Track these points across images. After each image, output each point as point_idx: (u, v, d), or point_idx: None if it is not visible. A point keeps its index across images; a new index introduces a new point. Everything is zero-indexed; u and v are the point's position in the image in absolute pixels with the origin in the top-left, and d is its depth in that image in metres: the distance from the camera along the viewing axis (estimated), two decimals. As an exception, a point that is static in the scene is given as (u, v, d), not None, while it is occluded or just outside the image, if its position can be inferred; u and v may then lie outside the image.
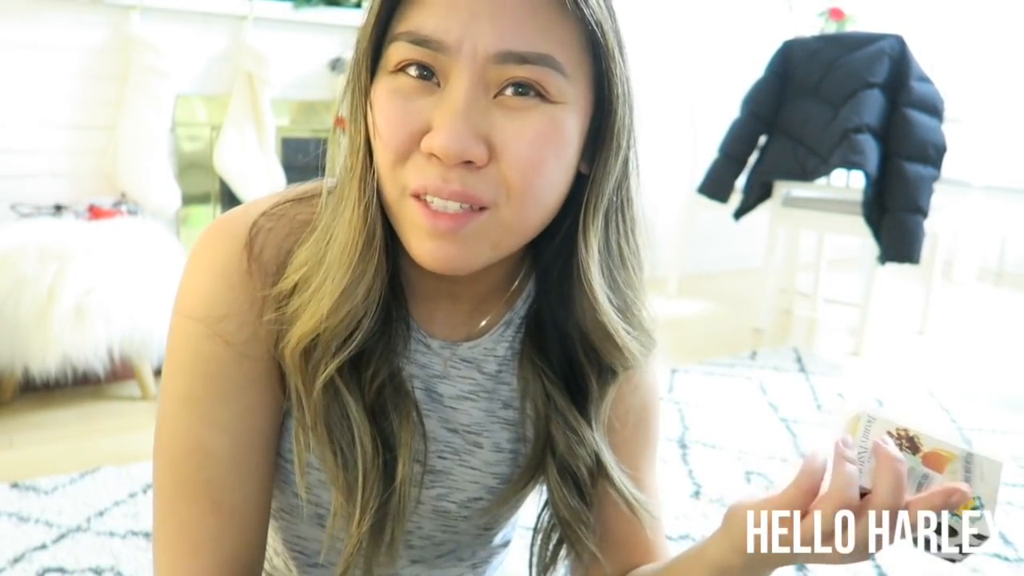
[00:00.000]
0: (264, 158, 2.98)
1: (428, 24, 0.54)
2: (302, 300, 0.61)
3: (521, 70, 0.54)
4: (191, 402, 0.62)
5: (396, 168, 0.56)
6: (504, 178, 0.55)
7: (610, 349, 0.66)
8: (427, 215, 0.55)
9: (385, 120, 0.56)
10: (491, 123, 0.54)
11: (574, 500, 0.70)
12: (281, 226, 0.64)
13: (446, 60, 0.54)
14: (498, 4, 0.53)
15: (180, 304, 0.63)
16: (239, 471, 0.63)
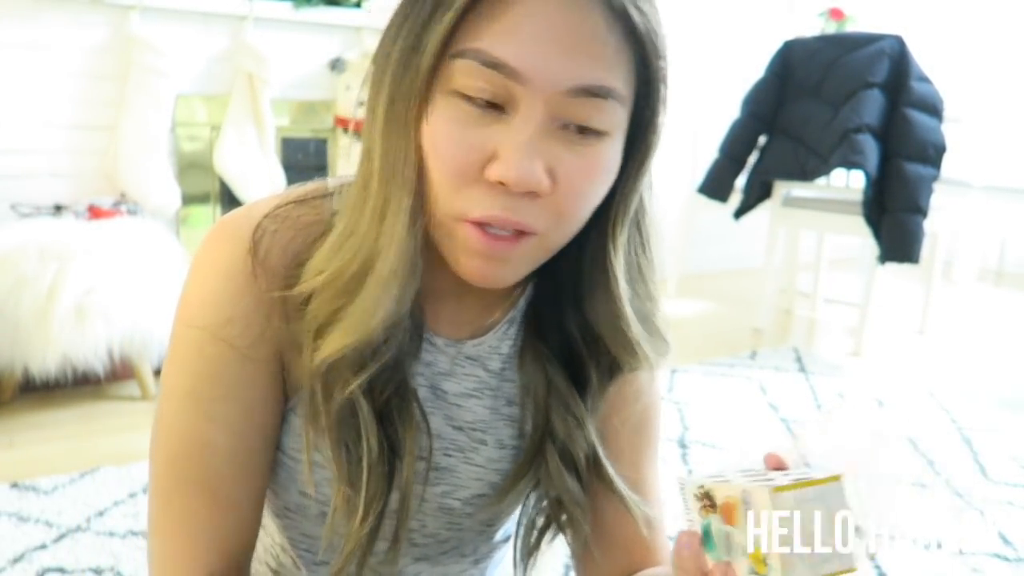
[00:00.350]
0: (264, 158, 2.98)
1: (504, 49, 0.52)
2: (331, 312, 0.60)
3: (588, 103, 0.54)
4: (193, 399, 0.62)
5: (454, 192, 0.55)
6: (557, 207, 0.56)
7: (623, 352, 0.67)
8: (484, 241, 0.56)
9: (449, 146, 0.54)
10: (554, 155, 0.55)
11: (573, 484, 0.70)
12: (285, 228, 0.63)
13: (517, 88, 0.53)
14: (574, 36, 0.53)
15: (184, 305, 0.63)
16: (238, 466, 0.64)
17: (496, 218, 0.55)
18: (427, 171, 0.56)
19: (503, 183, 0.54)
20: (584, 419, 0.70)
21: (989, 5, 4.82)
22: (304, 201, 0.65)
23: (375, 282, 0.58)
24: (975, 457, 2.16)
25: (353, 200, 0.60)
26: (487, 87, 0.53)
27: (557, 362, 0.71)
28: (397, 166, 0.56)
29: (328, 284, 0.59)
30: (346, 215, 0.60)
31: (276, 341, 0.63)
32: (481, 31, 0.53)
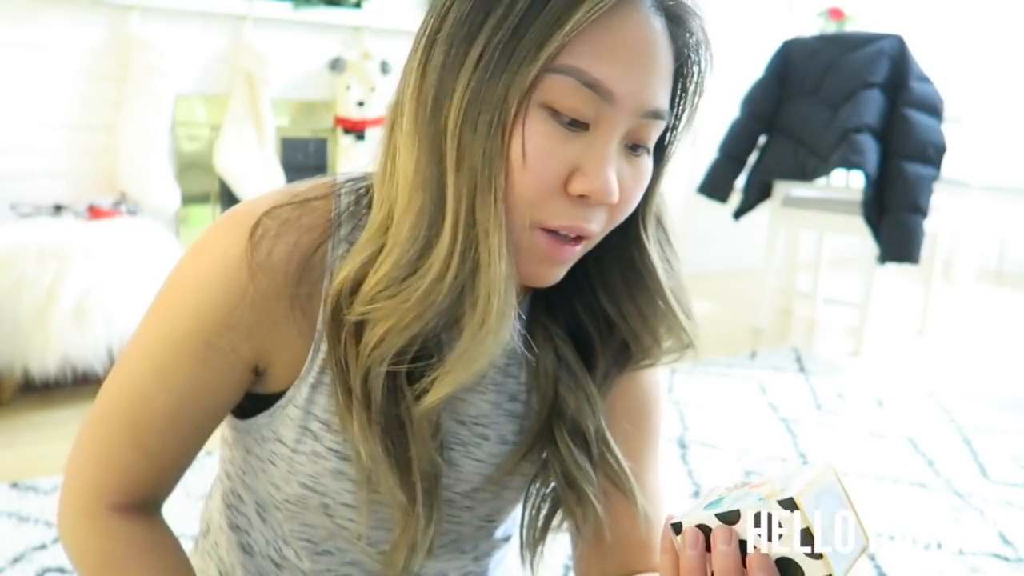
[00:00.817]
0: (264, 158, 2.98)
1: (601, 70, 0.55)
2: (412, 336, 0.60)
3: (653, 124, 0.59)
4: (151, 359, 0.65)
5: (535, 203, 0.57)
6: (611, 215, 0.61)
7: (652, 344, 0.71)
8: (555, 247, 0.59)
9: (540, 160, 0.56)
10: (619, 169, 0.59)
11: (583, 460, 0.71)
12: (288, 231, 0.63)
13: (605, 107, 0.56)
14: (655, 61, 0.57)
15: (176, 278, 0.65)
16: (170, 425, 0.66)
17: (577, 228, 0.58)
18: (512, 180, 0.56)
19: (585, 196, 0.57)
20: (593, 396, 0.71)
21: (989, 5, 4.82)
22: (307, 202, 0.65)
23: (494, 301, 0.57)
24: (975, 457, 2.17)
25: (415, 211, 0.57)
26: (579, 105, 0.55)
27: (567, 341, 0.72)
28: (485, 173, 0.55)
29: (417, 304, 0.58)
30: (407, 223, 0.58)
31: (261, 339, 0.64)
32: (578, 49, 0.54)
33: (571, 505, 0.72)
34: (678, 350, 0.71)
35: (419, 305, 0.58)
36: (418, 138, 0.57)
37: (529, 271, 0.61)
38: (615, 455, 0.72)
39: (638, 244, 0.67)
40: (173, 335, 0.63)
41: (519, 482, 0.76)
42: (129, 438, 0.66)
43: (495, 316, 0.57)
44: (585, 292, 0.70)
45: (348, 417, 0.63)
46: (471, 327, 0.58)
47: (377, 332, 0.60)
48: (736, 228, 3.72)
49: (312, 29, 3.08)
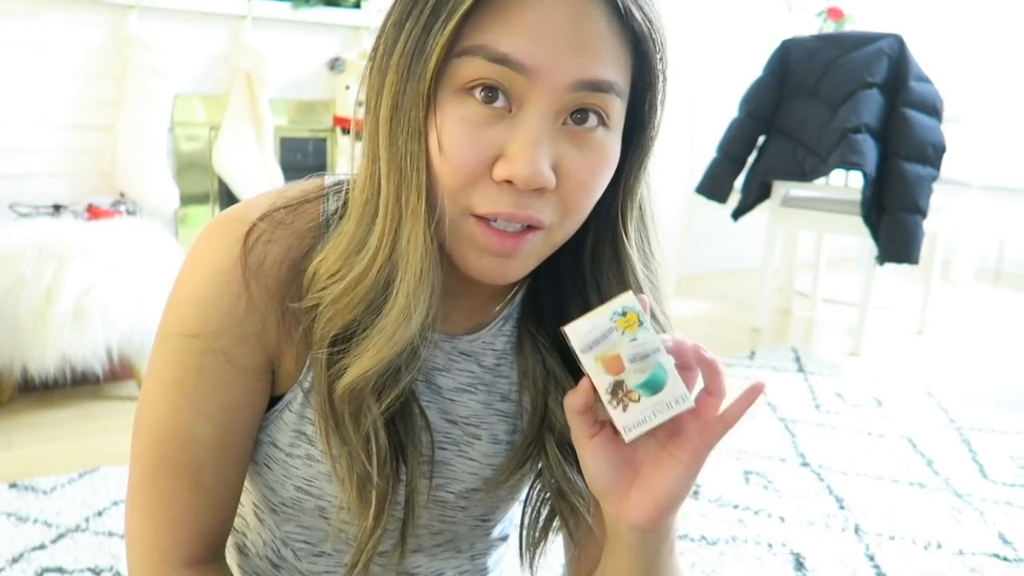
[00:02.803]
0: (263, 158, 2.98)
1: (508, 43, 0.53)
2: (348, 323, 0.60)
3: (592, 98, 0.55)
4: (180, 389, 0.63)
5: (461, 191, 0.56)
6: (563, 201, 0.57)
7: None
8: (491, 236, 0.57)
9: (456, 146, 0.54)
10: (559, 150, 0.56)
11: (572, 473, 0.70)
12: (280, 237, 0.63)
13: (523, 83, 0.53)
14: (577, 32, 0.53)
15: (176, 300, 0.64)
16: (219, 456, 0.65)
17: (506, 214, 0.56)
18: (434, 172, 0.56)
19: (511, 181, 0.54)
20: None
21: (989, 5, 4.82)
22: (298, 205, 0.65)
23: (405, 290, 0.57)
24: (974, 457, 2.17)
25: (361, 205, 0.59)
26: (494, 82, 0.54)
27: (555, 351, 0.71)
28: (407, 169, 0.56)
29: (344, 294, 0.59)
30: (353, 221, 0.60)
31: (267, 344, 0.64)
32: (485, 28, 0.53)
33: (564, 513, 0.72)
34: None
35: (345, 296, 0.59)
36: (366, 138, 0.59)
37: (478, 266, 0.59)
38: None
39: (615, 239, 0.65)
40: (191, 360, 0.62)
41: (515, 483, 0.76)
42: (187, 483, 0.64)
43: (399, 310, 0.57)
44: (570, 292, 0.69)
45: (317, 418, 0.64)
46: (381, 317, 0.59)
47: (320, 322, 0.61)
48: (735, 228, 3.72)
49: (311, 29, 3.08)
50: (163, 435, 0.64)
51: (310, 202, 0.66)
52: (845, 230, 3.11)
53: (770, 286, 3.48)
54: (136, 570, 0.66)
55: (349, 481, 0.63)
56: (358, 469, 0.63)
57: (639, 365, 0.54)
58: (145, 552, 0.66)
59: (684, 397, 0.56)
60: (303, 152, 3.21)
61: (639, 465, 0.59)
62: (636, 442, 0.58)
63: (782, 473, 2.02)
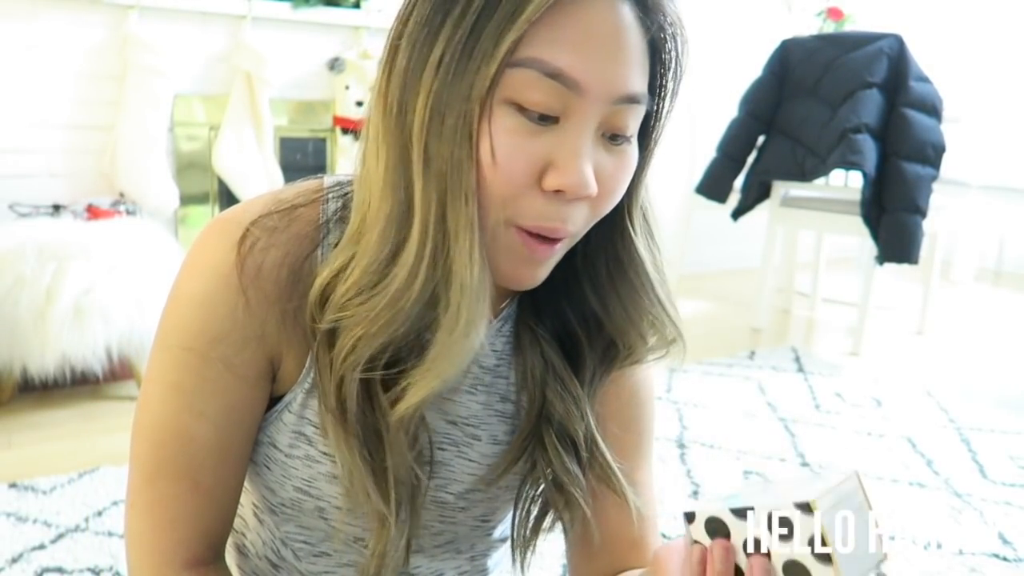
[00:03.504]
0: (262, 158, 2.98)
1: (562, 58, 0.53)
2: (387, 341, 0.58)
3: (629, 109, 0.57)
4: (179, 391, 0.63)
5: (508, 201, 0.56)
6: (593, 208, 0.59)
7: (638, 341, 0.69)
8: (534, 246, 0.57)
9: (509, 156, 0.54)
10: (597, 159, 0.57)
11: (572, 465, 0.70)
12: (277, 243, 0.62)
13: (573, 98, 0.54)
14: (623, 46, 0.55)
15: (176, 301, 0.64)
16: (220, 457, 0.65)
17: (551, 228, 0.57)
18: (479, 180, 0.55)
19: (561, 191, 0.55)
20: (581, 398, 0.70)
21: (989, 5, 4.82)
22: (293, 208, 0.64)
23: (466, 303, 0.55)
24: (973, 457, 2.17)
25: (385, 216, 0.57)
26: (545, 98, 0.54)
27: (554, 343, 0.71)
28: (454, 177, 0.54)
29: (387, 309, 0.57)
30: (376, 233, 0.57)
31: (267, 348, 0.64)
32: (538, 40, 0.53)
33: (559, 508, 0.71)
34: (663, 347, 0.70)
35: (387, 312, 0.57)
36: (386, 144, 0.57)
37: (509, 272, 0.59)
38: (605, 456, 0.71)
39: (623, 236, 0.65)
40: (190, 361, 0.62)
41: (514, 481, 0.76)
42: (187, 484, 0.64)
43: (464, 323, 0.56)
44: (572, 289, 0.69)
45: (327, 424, 0.63)
46: (442, 333, 0.56)
47: (348, 340, 0.59)
48: (735, 228, 3.72)
49: (311, 29, 3.08)
50: (163, 437, 0.63)
51: (307, 206, 0.65)
52: (845, 230, 3.11)
53: (770, 286, 3.48)
54: (136, 572, 0.66)
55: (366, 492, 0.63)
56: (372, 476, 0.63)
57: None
58: (145, 554, 0.65)
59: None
60: (303, 152, 3.21)
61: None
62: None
63: (782, 473, 2.01)
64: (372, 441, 0.62)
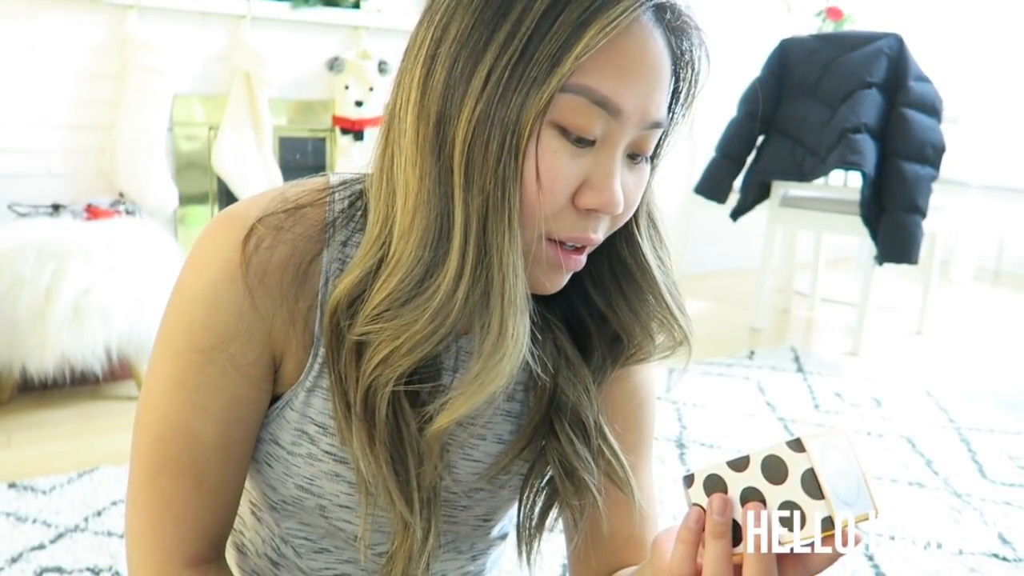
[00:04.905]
0: (262, 158, 2.98)
1: (609, 86, 0.55)
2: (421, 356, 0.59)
3: (655, 134, 0.60)
4: (182, 388, 0.63)
5: (548, 218, 0.57)
6: (615, 220, 0.62)
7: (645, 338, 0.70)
8: (566, 256, 0.60)
9: (553, 177, 0.56)
10: (623, 178, 0.59)
11: (583, 450, 0.70)
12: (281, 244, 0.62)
13: (612, 123, 0.56)
14: (660, 75, 0.58)
15: (180, 297, 0.63)
16: (222, 454, 0.65)
17: (585, 239, 0.60)
18: (523, 198, 0.56)
19: (594, 209, 0.58)
20: (591, 386, 0.71)
21: (988, 5, 4.82)
22: (298, 207, 0.64)
23: (512, 319, 0.56)
24: (973, 457, 2.17)
25: (421, 230, 0.56)
26: (588, 123, 0.55)
27: (565, 331, 0.72)
28: (499, 194, 0.55)
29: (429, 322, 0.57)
30: (412, 246, 0.57)
31: (272, 346, 0.64)
32: (587, 67, 0.54)
33: (568, 497, 0.71)
34: (671, 347, 0.70)
35: (427, 327, 0.57)
36: (421, 157, 0.56)
37: (542, 281, 0.61)
38: (612, 446, 0.71)
39: (630, 240, 0.67)
40: (194, 358, 0.62)
41: (516, 480, 0.76)
42: (190, 482, 0.64)
43: (511, 339, 0.56)
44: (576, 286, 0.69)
45: (348, 432, 0.63)
46: (485, 350, 0.57)
47: (380, 353, 0.59)
48: (734, 228, 3.72)
49: (310, 29, 3.08)
50: (165, 434, 0.63)
51: (312, 205, 0.65)
52: (844, 230, 3.11)
53: (769, 286, 3.49)
54: (137, 570, 0.66)
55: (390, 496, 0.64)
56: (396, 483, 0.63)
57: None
58: (147, 551, 0.65)
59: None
60: (302, 152, 3.21)
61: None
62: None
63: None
64: (399, 451, 0.63)
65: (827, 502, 0.49)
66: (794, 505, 0.50)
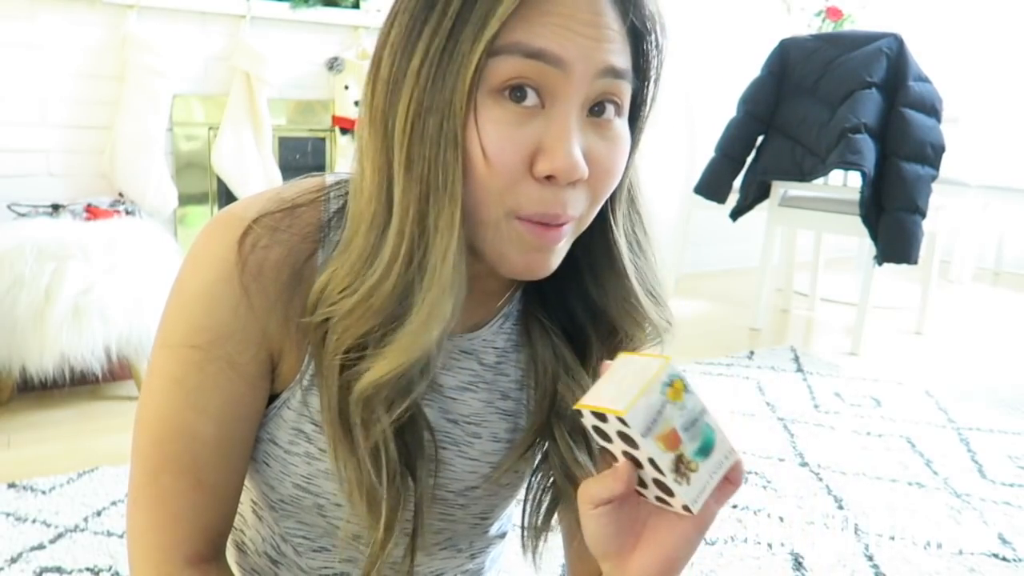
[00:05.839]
0: (261, 158, 2.98)
1: (542, 38, 0.54)
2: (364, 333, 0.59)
3: (612, 85, 0.57)
4: (181, 388, 0.63)
5: (504, 192, 0.56)
6: (592, 190, 0.59)
7: (631, 326, 0.69)
8: (539, 233, 0.57)
9: (499, 149, 0.54)
10: (587, 140, 0.57)
11: (583, 457, 0.70)
12: (278, 243, 0.62)
13: (556, 76, 0.54)
14: (600, 21, 0.55)
15: (178, 297, 0.64)
16: (221, 454, 0.65)
17: (552, 214, 0.57)
18: (473, 178, 0.55)
19: (552, 176, 0.55)
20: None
21: (988, 5, 4.83)
22: (295, 207, 0.64)
23: (430, 301, 0.57)
24: (972, 457, 2.17)
25: (369, 218, 0.58)
26: (525, 81, 0.54)
27: (564, 336, 0.72)
28: (438, 180, 0.55)
29: (358, 306, 0.58)
30: (361, 235, 0.59)
31: (269, 345, 0.64)
32: (515, 27, 0.53)
33: (570, 500, 0.71)
34: (656, 335, 0.70)
35: (361, 307, 0.58)
36: (373, 151, 0.58)
37: (521, 263, 0.59)
38: None
39: (606, 228, 0.65)
40: (192, 357, 0.62)
41: (513, 479, 0.77)
42: (190, 480, 0.64)
43: (425, 318, 0.57)
44: (573, 278, 0.69)
45: (324, 421, 0.64)
46: (413, 326, 0.57)
47: (334, 335, 0.61)
48: (733, 228, 3.73)
49: (310, 29, 3.08)
50: (165, 433, 0.64)
51: (308, 205, 0.65)
52: (844, 230, 3.11)
53: (769, 286, 3.49)
54: (138, 568, 0.66)
55: (358, 493, 0.63)
56: (366, 481, 0.63)
57: (691, 432, 0.52)
58: (147, 550, 0.66)
59: (731, 451, 0.53)
60: (302, 152, 3.21)
61: (642, 525, 0.57)
62: (639, 501, 0.56)
63: (781, 473, 2.02)
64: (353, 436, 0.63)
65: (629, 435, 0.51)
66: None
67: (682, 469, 0.51)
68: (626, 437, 0.51)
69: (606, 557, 0.57)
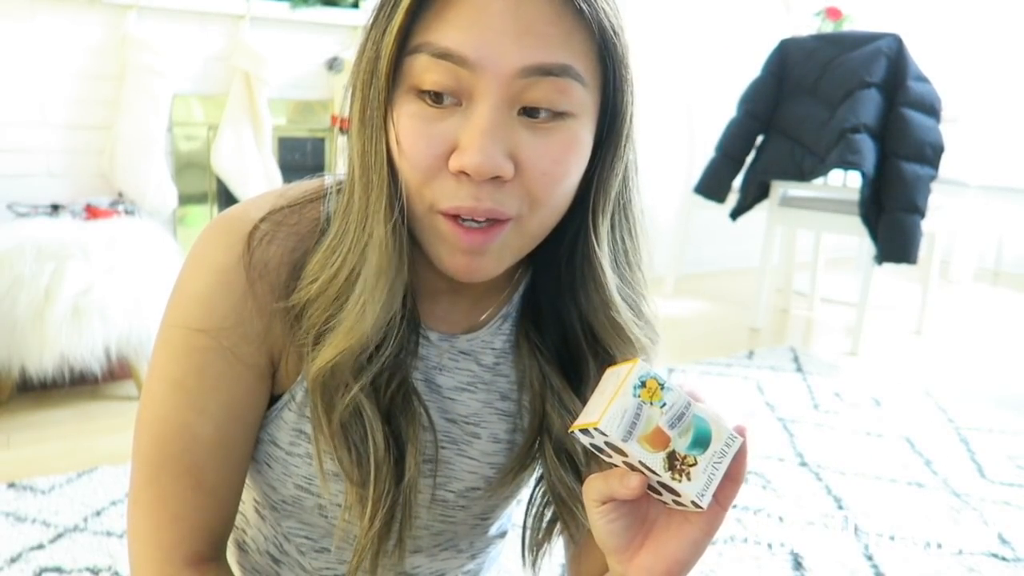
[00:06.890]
0: (261, 158, 2.98)
1: (450, 38, 0.53)
2: (325, 320, 0.61)
3: (545, 82, 0.55)
4: (181, 389, 0.63)
5: (423, 186, 0.57)
6: (528, 191, 0.57)
7: (618, 341, 0.68)
8: (459, 233, 0.57)
9: (411, 142, 0.56)
10: (516, 139, 0.55)
11: (570, 479, 0.70)
12: (282, 238, 0.64)
13: (469, 76, 0.54)
14: (520, 18, 0.53)
15: (178, 300, 0.64)
16: (221, 456, 0.65)
17: (466, 208, 0.56)
18: (396, 170, 0.57)
19: (465, 172, 0.54)
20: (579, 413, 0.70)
21: (988, 5, 4.83)
22: (299, 206, 0.66)
23: (362, 285, 0.59)
24: (972, 457, 2.17)
25: (341, 207, 0.61)
26: (441, 79, 0.54)
27: (552, 355, 0.71)
28: (370, 169, 0.58)
29: (321, 292, 0.61)
30: (335, 222, 0.62)
31: (272, 344, 0.64)
32: (428, 26, 0.54)
33: (565, 516, 0.72)
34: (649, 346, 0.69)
35: (320, 293, 0.61)
36: (348, 147, 0.61)
37: (450, 263, 0.59)
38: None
39: (587, 239, 0.64)
40: (193, 358, 0.63)
41: (516, 483, 0.77)
42: (190, 481, 0.65)
43: (360, 306, 0.59)
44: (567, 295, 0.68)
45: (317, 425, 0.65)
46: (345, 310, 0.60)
47: (307, 321, 0.63)
48: (733, 228, 3.73)
49: (309, 29, 3.08)
50: (165, 434, 0.64)
51: (311, 203, 0.66)
52: (843, 230, 3.11)
53: (768, 286, 3.49)
54: (138, 568, 0.66)
55: (347, 483, 0.64)
56: (356, 471, 0.63)
57: (680, 428, 0.51)
58: (147, 550, 0.66)
59: (731, 437, 0.52)
60: (301, 152, 3.21)
61: (651, 525, 0.57)
62: (650, 500, 0.56)
63: (781, 473, 2.02)
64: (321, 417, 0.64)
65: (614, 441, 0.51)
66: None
67: (678, 466, 0.51)
68: (612, 446, 0.51)
69: (612, 552, 0.57)
